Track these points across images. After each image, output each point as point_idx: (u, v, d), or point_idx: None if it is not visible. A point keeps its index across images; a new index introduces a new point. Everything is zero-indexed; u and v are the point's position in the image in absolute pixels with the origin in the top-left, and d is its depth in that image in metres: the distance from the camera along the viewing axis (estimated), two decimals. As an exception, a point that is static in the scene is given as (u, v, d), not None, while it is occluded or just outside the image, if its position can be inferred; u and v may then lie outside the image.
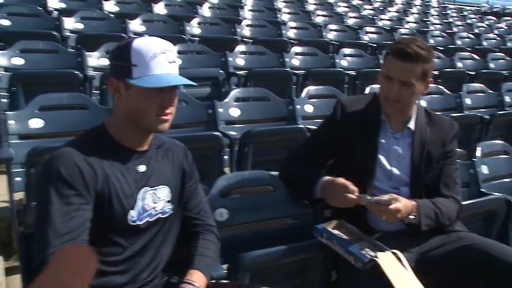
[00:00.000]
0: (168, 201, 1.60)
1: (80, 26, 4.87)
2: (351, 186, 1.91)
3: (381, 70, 2.05)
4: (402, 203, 1.88)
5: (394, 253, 1.80)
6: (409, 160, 2.07)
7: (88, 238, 1.40)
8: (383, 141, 2.08)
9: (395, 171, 2.06)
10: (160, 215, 1.57)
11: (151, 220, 1.55)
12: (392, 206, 1.84)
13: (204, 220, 1.72)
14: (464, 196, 2.36)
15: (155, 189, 1.56)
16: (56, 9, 5.30)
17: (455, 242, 2.00)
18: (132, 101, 1.46)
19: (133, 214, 1.50)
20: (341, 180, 1.93)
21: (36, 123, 2.70)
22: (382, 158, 2.06)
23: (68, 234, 1.35)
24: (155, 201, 1.56)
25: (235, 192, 2.15)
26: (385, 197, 1.88)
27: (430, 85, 2.07)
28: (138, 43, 1.44)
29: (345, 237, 1.92)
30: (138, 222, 1.51)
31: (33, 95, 2.89)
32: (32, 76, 3.39)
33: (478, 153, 2.88)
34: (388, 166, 2.06)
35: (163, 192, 1.58)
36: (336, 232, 1.94)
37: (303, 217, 2.21)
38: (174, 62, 1.49)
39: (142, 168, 1.54)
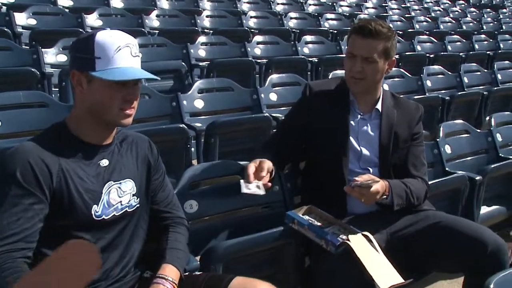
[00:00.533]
0: (134, 195, 1.57)
1: (33, 22, 4.68)
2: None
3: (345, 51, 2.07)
4: (379, 184, 1.90)
5: (365, 235, 1.82)
6: (377, 141, 2.10)
7: (38, 238, 1.37)
8: (352, 122, 2.10)
9: (365, 151, 2.09)
10: (127, 209, 1.55)
11: (117, 214, 1.52)
12: (373, 189, 1.86)
13: (173, 212, 1.70)
14: (430, 176, 2.42)
15: (119, 183, 1.54)
16: (4, 4, 5.07)
17: (423, 221, 2.05)
18: (94, 94, 1.43)
19: (96, 209, 1.47)
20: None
21: (-8, 124, 2.59)
22: (352, 139, 2.08)
23: (12, 236, 1.33)
24: (120, 195, 1.53)
25: (203, 184, 2.14)
26: (364, 177, 1.89)
27: (394, 66, 2.10)
28: (102, 35, 1.42)
29: (316, 222, 1.93)
30: (104, 217, 1.48)
31: (-13, 95, 2.77)
32: (-15, 75, 3.24)
33: (441, 133, 2.95)
34: (358, 147, 2.08)
35: (128, 186, 1.56)
36: (307, 217, 1.95)
37: (273, 204, 2.21)
38: (138, 56, 1.47)
39: (104, 162, 1.52)
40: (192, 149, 2.91)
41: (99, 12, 5.13)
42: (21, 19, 4.65)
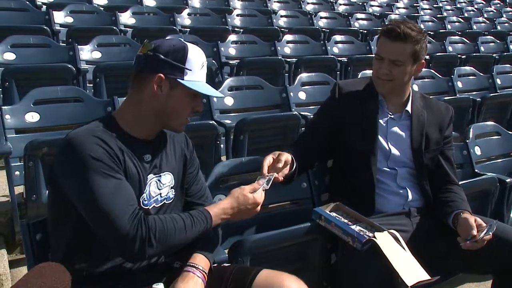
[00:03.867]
0: (172, 187, 1.64)
1: (70, 20, 4.84)
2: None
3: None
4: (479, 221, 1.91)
5: (391, 233, 1.84)
6: (409, 141, 2.11)
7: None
8: (381, 122, 2.11)
9: (394, 151, 2.10)
10: (165, 201, 1.62)
11: (157, 206, 1.59)
12: (487, 237, 1.85)
13: (206, 205, 1.74)
14: (459, 177, 2.40)
15: (159, 176, 1.60)
16: (44, 3, 5.24)
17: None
18: (172, 99, 1.53)
19: (144, 197, 1.55)
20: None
21: (32, 117, 2.70)
22: (381, 138, 2.09)
23: (133, 205, 1.43)
24: (160, 187, 1.60)
25: (232, 179, 2.18)
26: (472, 227, 1.87)
27: (423, 67, 2.10)
28: (193, 50, 1.55)
29: (343, 219, 1.95)
30: (148, 207, 1.56)
31: (26, 90, 2.89)
32: (24, 71, 3.37)
33: (471, 134, 2.92)
34: (386, 147, 2.09)
35: (167, 179, 1.63)
36: (334, 214, 1.97)
37: (301, 201, 2.24)
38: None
39: (148, 157, 1.58)
40: (222, 145, 2.97)
41: (132, 11, 5.25)
42: (59, 17, 4.81)
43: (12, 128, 2.64)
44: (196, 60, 1.54)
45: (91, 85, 3.60)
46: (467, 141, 2.87)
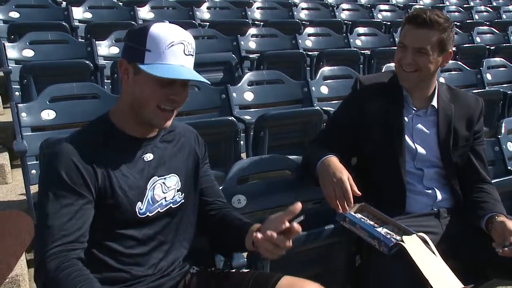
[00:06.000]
0: (178, 190, 1.54)
1: (89, 15, 4.82)
2: (351, 184, 1.77)
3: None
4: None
5: (421, 237, 1.73)
6: (436, 139, 1.99)
7: (88, 237, 1.35)
8: (406, 119, 1.99)
9: (420, 150, 1.98)
10: (171, 205, 1.52)
11: (162, 210, 1.50)
12: None
13: (223, 201, 1.69)
14: (491, 174, 2.27)
15: (164, 178, 1.51)
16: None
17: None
18: (138, 87, 1.39)
19: (141, 206, 1.44)
20: (343, 170, 1.80)
21: (48, 115, 2.66)
22: (406, 137, 1.98)
23: (65, 236, 1.31)
24: (165, 190, 1.50)
25: (252, 178, 2.09)
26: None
27: (450, 59, 1.98)
28: (156, 28, 1.37)
29: (368, 221, 1.85)
30: (148, 214, 1.46)
31: (45, 87, 2.85)
32: (42, 67, 3.34)
33: (503, 130, 2.78)
34: (413, 146, 1.98)
35: (173, 181, 1.53)
36: (359, 216, 1.86)
37: (324, 201, 2.13)
38: (191, 55, 1.41)
39: (149, 156, 1.48)
40: (241, 142, 2.89)
41: (151, 5, 5.21)
42: (78, 13, 4.80)
43: (28, 126, 2.61)
44: (160, 39, 1.35)
45: (109, 81, 3.55)
46: (499, 136, 2.73)
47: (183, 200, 1.55)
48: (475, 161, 2.04)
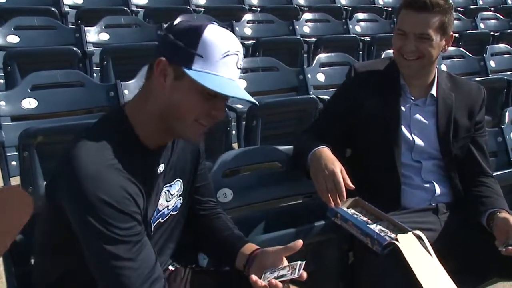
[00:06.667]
0: (180, 195, 1.41)
1: (80, 0, 4.68)
2: (343, 176, 1.66)
3: (394, 31, 1.86)
4: None
5: (417, 235, 1.62)
6: (435, 130, 1.87)
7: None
8: (403, 109, 1.87)
9: (418, 142, 1.87)
10: (172, 212, 1.39)
11: (163, 220, 1.36)
12: None
13: (216, 202, 1.58)
14: (492, 166, 2.17)
15: (169, 186, 1.36)
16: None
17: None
18: (176, 94, 1.19)
19: (152, 219, 1.31)
20: (335, 162, 1.69)
21: (29, 103, 2.54)
22: (403, 128, 1.87)
23: (150, 276, 1.16)
24: (168, 199, 1.36)
25: (239, 171, 1.99)
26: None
27: (450, 42, 1.86)
28: (212, 32, 1.18)
29: (362, 217, 1.74)
30: (153, 225, 1.33)
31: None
32: (27, 54, 3.22)
33: (507, 119, 2.67)
34: (410, 137, 1.87)
35: (176, 187, 1.38)
36: (352, 211, 1.76)
37: (315, 195, 2.03)
38: (240, 69, 1.24)
39: (161, 168, 1.30)
40: (233, 132, 2.78)
41: (145, -10, 5.05)
42: (68, -2, 4.65)
43: (7, 115, 2.49)
44: (216, 45, 1.16)
45: (98, 68, 3.44)
46: (502, 126, 2.61)
47: (181, 204, 1.42)
48: (476, 153, 1.93)
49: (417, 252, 1.56)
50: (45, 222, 1.26)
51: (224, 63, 1.18)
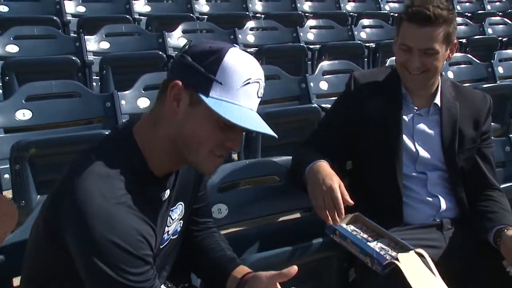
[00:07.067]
0: (181, 219, 1.33)
1: (82, 9, 4.65)
2: (342, 192, 1.58)
3: (395, 40, 1.78)
4: None
5: (419, 253, 1.54)
6: (439, 141, 1.80)
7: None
8: (405, 119, 1.80)
9: (422, 153, 1.80)
10: (171, 237, 1.32)
11: (162, 246, 1.29)
12: None
13: (212, 222, 1.51)
14: (501, 178, 2.12)
15: (171, 211, 1.28)
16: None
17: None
18: (190, 121, 1.11)
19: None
20: (333, 177, 1.61)
21: (23, 115, 2.48)
22: (406, 138, 1.79)
23: None
24: (169, 224, 1.28)
25: (235, 185, 1.92)
26: None
27: (455, 50, 1.79)
28: (233, 57, 1.09)
29: (361, 234, 1.66)
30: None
31: (28, 85, 2.68)
32: (25, 63, 3.17)
33: (515, 128, 2.59)
34: (413, 148, 1.79)
35: (178, 211, 1.31)
36: (351, 228, 1.68)
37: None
38: (260, 98, 1.16)
39: (166, 194, 1.22)
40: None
41: (147, -2, 5.02)
42: (71, 7, 4.63)
43: (0, 127, 2.43)
44: (237, 72, 1.08)
45: (98, 77, 3.39)
46: (510, 135, 2.53)
47: (180, 230, 1.35)
48: (482, 165, 1.85)
49: (419, 271, 1.48)
50: (38, 248, 1.17)
51: (244, 92, 1.10)
